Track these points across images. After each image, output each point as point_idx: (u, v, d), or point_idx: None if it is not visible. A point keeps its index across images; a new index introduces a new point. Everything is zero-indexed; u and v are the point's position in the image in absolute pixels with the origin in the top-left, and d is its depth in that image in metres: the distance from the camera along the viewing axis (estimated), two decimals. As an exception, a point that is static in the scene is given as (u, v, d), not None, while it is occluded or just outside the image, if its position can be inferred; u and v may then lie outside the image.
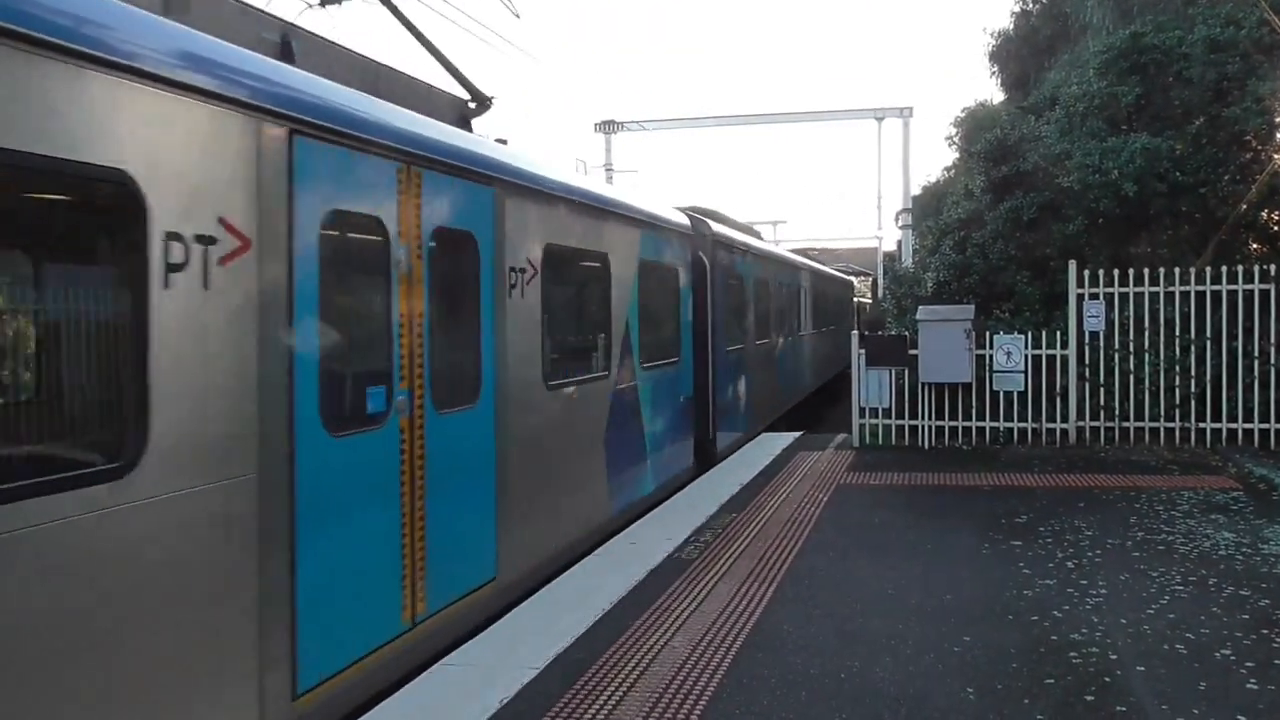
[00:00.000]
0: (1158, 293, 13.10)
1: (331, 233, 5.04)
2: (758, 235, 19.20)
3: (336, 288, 5.10)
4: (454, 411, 6.12)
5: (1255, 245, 15.03)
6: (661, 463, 10.33)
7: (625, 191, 11.74)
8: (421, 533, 5.67)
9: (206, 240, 4.14)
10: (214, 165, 4.22)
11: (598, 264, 8.80)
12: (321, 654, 4.76)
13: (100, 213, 3.99)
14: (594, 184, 9.63)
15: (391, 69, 6.74)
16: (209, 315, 4.17)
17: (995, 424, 13.51)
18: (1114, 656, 5.59)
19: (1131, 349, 13.22)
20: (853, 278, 36.68)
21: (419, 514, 5.65)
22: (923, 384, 13.44)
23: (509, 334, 6.83)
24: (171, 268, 3.96)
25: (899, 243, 37.97)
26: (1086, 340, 13.29)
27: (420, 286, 5.75)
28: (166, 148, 3.99)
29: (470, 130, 7.52)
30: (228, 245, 4.27)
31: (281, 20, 5.74)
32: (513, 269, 6.91)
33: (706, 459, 12.12)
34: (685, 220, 11.94)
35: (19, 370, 3.85)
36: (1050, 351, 13.23)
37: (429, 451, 5.76)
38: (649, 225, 10.18)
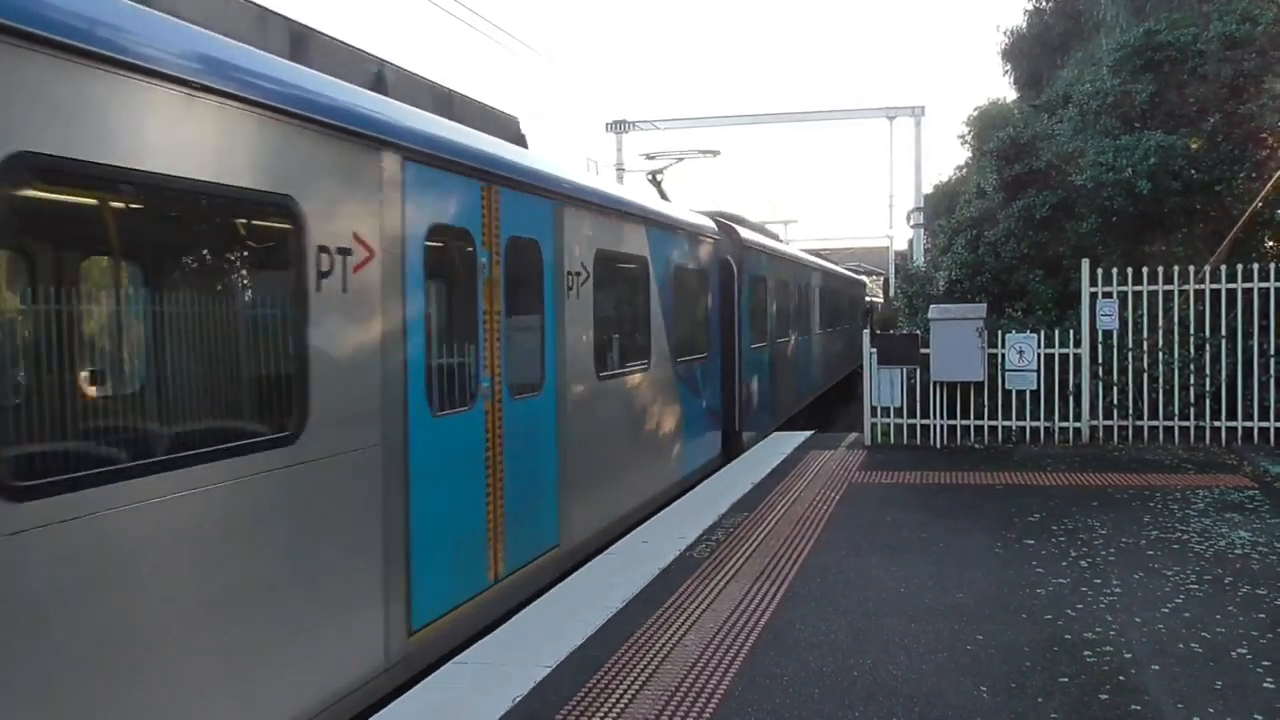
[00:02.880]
0: (1172, 291, 13.03)
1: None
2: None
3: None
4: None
5: (1271, 243, 14.91)
6: None
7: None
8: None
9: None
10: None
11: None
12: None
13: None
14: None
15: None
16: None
17: (1008, 423, 13.46)
18: (1128, 655, 5.57)
19: (1145, 347, 13.15)
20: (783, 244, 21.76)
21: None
22: (935, 383, 13.40)
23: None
24: None
25: (910, 242, 37.88)
26: (1100, 339, 13.24)
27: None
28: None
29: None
30: None
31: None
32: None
33: None
34: None
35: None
36: (1063, 350, 13.17)
37: None
38: None
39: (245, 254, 4.87)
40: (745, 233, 14.53)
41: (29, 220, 3.72)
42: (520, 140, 8.19)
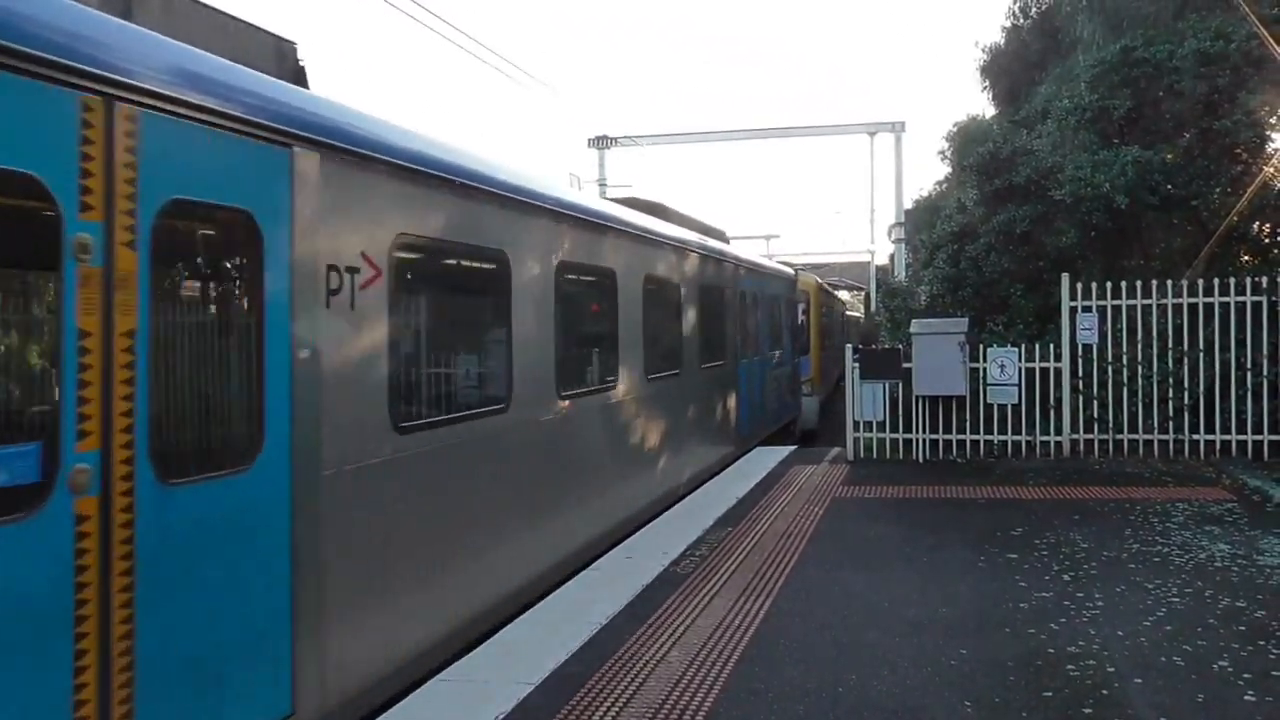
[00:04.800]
0: (1150, 305, 13.14)
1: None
2: None
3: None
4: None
5: (1247, 257, 15.09)
6: None
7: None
8: None
9: None
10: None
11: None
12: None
13: None
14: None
15: None
16: None
17: (990, 437, 13.51)
18: (1111, 669, 5.58)
19: (1125, 361, 13.25)
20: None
21: None
22: (917, 397, 13.44)
23: None
24: None
25: (892, 256, 38.08)
26: (1080, 353, 13.33)
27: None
28: None
29: None
30: None
31: None
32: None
33: None
34: None
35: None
36: (1044, 364, 13.25)
37: None
38: None
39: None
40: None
41: None
42: None
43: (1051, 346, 13.32)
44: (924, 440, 13.55)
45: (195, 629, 4.05)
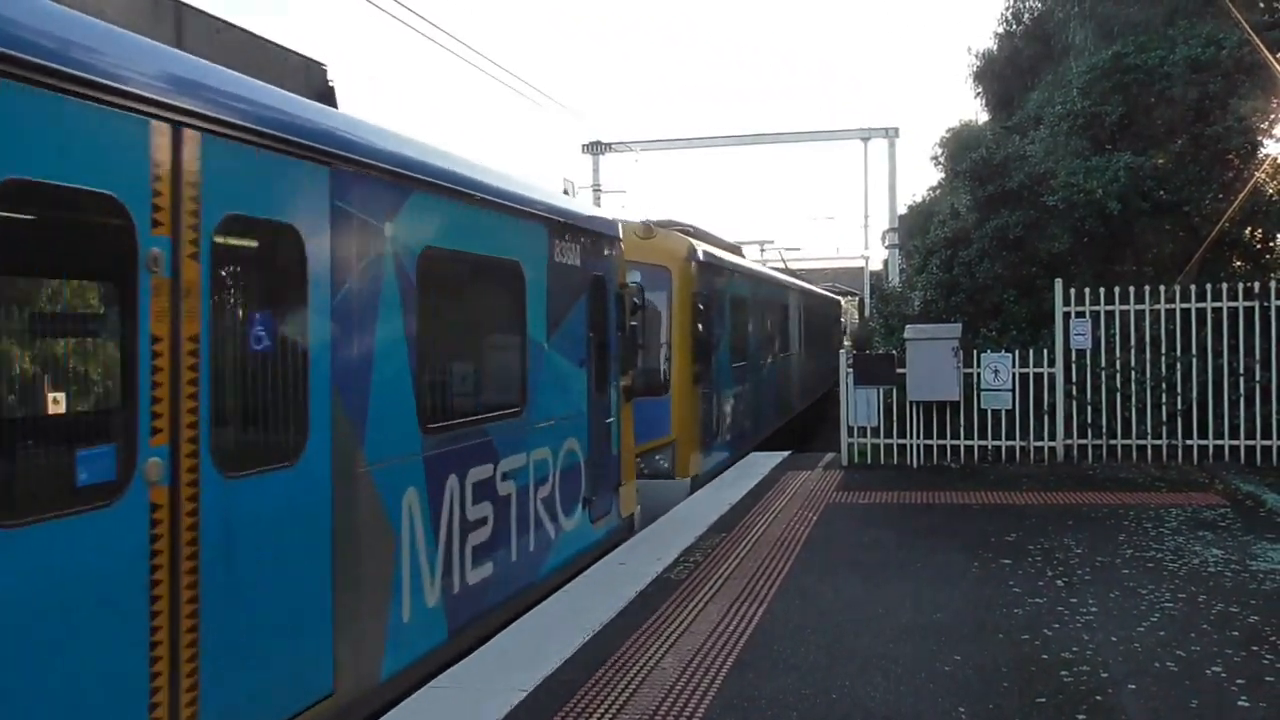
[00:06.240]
0: (1143, 310, 13.17)
1: None
2: None
3: None
4: None
5: (1239, 262, 15.13)
6: None
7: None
8: None
9: None
10: None
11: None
12: None
13: None
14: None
15: None
16: None
17: (984, 442, 13.52)
18: (1105, 674, 5.58)
19: (1118, 366, 13.28)
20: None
21: None
22: (911, 402, 13.45)
23: None
24: None
25: (886, 262, 38.10)
26: (1073, 358, 13.35)
27: None
28: None
29: None
30: None
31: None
32: None
33: None
34: None
35: None
36: (1037, 369, 13.27)
37: None
38: None
39: None
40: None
41: None
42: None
43: (1045, 352, 13.33)
44: (918, 445, 13.56)
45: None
